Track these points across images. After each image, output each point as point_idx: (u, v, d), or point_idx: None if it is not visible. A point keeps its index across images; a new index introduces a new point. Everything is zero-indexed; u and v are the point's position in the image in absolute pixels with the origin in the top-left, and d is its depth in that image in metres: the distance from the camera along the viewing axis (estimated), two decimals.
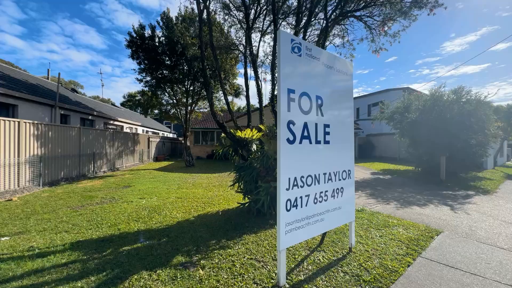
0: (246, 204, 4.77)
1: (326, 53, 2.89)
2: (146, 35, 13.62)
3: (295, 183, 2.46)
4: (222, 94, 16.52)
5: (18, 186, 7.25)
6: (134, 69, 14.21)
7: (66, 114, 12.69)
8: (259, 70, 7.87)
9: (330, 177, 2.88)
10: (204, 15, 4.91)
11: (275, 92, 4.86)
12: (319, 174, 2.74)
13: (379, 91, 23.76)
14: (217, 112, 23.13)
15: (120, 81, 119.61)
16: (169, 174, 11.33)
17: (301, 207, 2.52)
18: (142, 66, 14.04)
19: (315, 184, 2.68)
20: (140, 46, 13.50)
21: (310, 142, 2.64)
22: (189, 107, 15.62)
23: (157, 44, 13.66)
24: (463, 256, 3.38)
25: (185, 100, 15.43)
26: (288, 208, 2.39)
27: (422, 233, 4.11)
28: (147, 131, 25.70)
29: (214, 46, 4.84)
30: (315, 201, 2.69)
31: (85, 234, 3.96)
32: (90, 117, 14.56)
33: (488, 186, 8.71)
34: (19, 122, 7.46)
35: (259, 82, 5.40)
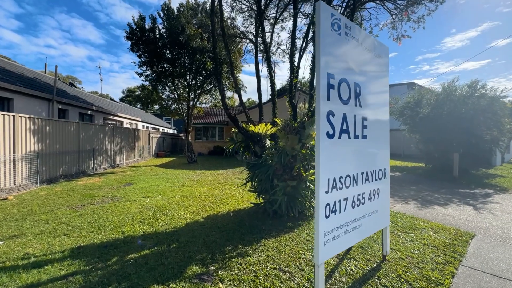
0: (261, 205, 4.41)
1: (364, 33, 2.50)
2: (147, 26, 13.09)
3: (334, 185, 2.09)
4: (225, 88, 16.19)
5: (14, 184, 6.88)
6: (134, 62, 13.70)
7: (64, 109, 12.26)
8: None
9: (367, 177, 2.52)
10: None
11: (293, 82, 4.47)
12: (356, 174, 2.37)
13: None
14: (219, 108, 22.73)
15: (119, 76, 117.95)
16: (172, 171, 10.97)
17: (340, 212, 2.16)
18: (142, 59, 13.54)
19: (353, 186, 2.32)
20: (140, 38, 12.97)
21: (349, 137, 2.27)
22: (191, 102, 15.16)
23: (157, 36, 13.14)
24: (507, 263, 3.04)
25: (186, 95, 14.97)
26: (327, 214, 2.02)
27: (454, 237, 3.77)
28: (147, 127, 25.26)
29: (225, 32, 4.42)
30: (353, 205, 2.33)
31: (86, 238, 3.60)
32: (89, 112, 14.12)
33: (504, 184, 8.40)
34: (14, 116, 7.05)
35: (272, 73, 5.00)
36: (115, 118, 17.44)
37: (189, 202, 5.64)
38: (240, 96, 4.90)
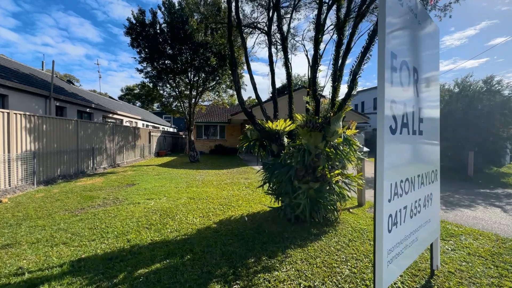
0: (281, 208, 4.02)
1: (421, 7, 2.09)
2: (147, 21, 12.62)
3: (395, 191, 1.71)
4: (228, 84, 15.71)
5: (9, 186, 6.45)
6: (135, 58, 13.18)
7: (62, 106, 11.79)
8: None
9: (422, 180, 2.13)
10: None
11: (317, 73, 4.07)
12: (414, 177, 1.98)
13: None
14: (224, 106, 22.31)
15: (117, 75, 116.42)
16: (174, 171, 10.55)
17: (400, 224, 1.77)
18: (142, 55, 13.09)
19: (411, 191, 1.93)
20: (140, 33, 12.50)
21: (408, 132, 1.88)
22: (193, 100, 14.73)
23: (158, 31, 12.68)
24: None
25: (188, 92, 14.53)
26: (390, 227, 1.64)
27: (497, 244, 3.40)
28: (147, 125, 24.78)
29: (240, 18, 4.01)
30: (411, 214, 1.94)
31: (87, 248, 3.20)
32: (87, 109, 13.65)
33: None
34: (8, 113, 6.60)
35: (289, 64, 4.59)
36: (115, 116, 16.97)
37: (197, 205, 5.25)
38: (255, 88, 4.48)
